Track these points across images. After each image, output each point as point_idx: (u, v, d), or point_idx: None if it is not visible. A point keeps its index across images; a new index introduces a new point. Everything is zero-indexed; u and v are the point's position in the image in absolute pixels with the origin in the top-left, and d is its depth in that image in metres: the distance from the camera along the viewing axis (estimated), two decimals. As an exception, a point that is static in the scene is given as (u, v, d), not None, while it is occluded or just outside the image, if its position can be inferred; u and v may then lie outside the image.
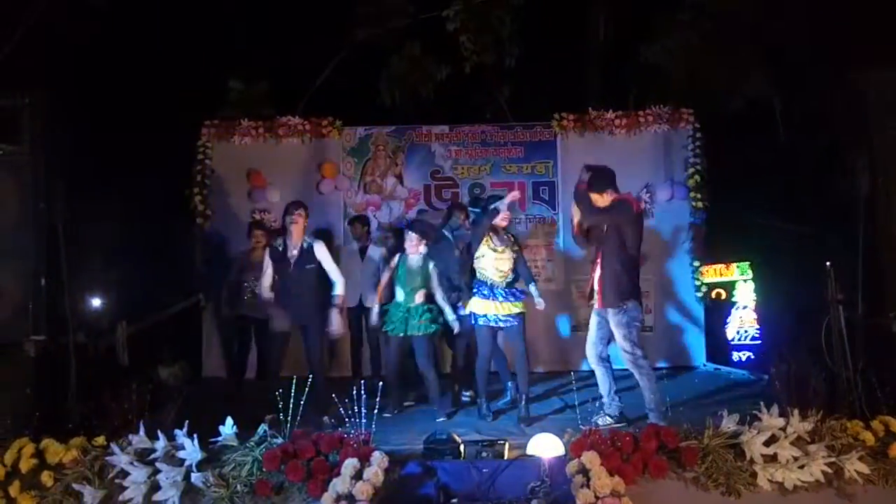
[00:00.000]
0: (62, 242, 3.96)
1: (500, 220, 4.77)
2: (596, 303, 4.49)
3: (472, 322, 4.80)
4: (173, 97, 6.63)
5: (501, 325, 4.74)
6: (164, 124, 6.39)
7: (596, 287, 4.45)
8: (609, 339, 4.51)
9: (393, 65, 7.83)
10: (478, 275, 4.83)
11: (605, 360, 4.55)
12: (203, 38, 7.09)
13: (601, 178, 4.44)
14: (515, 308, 4.77)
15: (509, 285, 4.80)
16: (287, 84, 7.72)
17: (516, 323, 4.78)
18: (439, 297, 5.00)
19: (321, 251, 4.77)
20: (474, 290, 4.80)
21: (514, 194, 5.08)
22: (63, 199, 4.01)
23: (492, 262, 4.74)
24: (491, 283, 4.75)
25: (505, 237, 4.83)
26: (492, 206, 4.83)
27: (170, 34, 6.85)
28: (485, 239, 4.75)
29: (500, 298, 4.72)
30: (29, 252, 4.02)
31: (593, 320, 4.58)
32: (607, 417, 4.41)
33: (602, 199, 4.42)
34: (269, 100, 7.53)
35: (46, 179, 4.07)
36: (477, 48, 7.42)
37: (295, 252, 4.73)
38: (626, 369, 4.41)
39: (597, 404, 4.50)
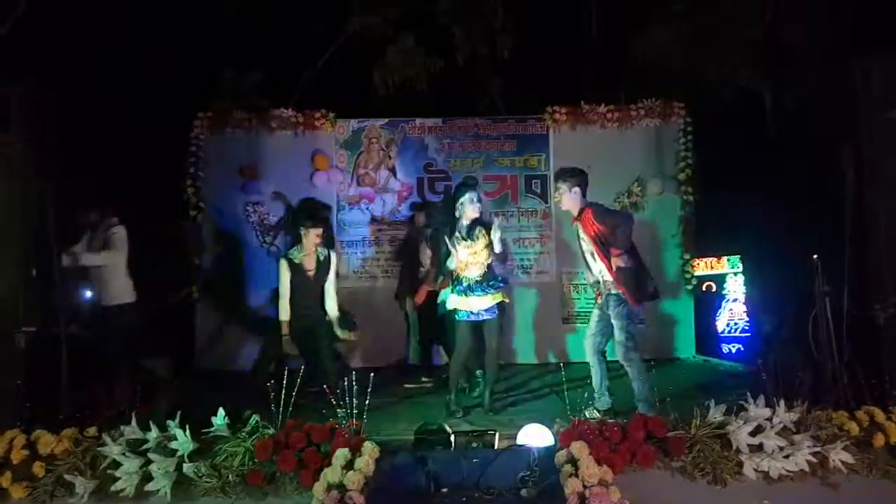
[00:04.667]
0: (52, 233, 3.96)
1: (470, 213, 4.64)
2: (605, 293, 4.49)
3: (458, 318, 4.71)
4: (166, 88, 6.60)
5: (483, 317, 4.67)
6: (156, 115, 6.36)
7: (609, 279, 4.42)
8: (609, 333, 4.52)
9: (386, 56, 7.81)
10: (455, 271, 4.73)
11: (602, 353, 4.58)
12: (197, 29, 7.05)
13: (575, 173, 4.53)
14: (493, 300, 4.67)
15: (485, 280, 4.66)
16: (280, 75, 7.70)
17: (496, 315, 4.71)
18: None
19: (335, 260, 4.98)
20: (452, 287, 4.74)
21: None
22: (53, 189, 4.00)
23: (465, 256, 4.64)
24: (466, 279, 4.66)
25: (475, 230, 4.66)
26: (459, 201, 4.69)
27: (163, 24, 6.81)
28: (455, 234, 4.65)
29: (478, 293, 4.64)
30: (19, 242, 4.01)
31: (595, 313, 4.60)
32: (595, 411, 4.44)
33: (571, 197, 4.47)
34: (262, 91, 7.51)
35: (37, 169, 4.06)
36: (470, 41, 7.41)
37: (312, 265, 4.85)
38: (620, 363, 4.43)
39: (586, 395, 4.52)
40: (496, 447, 3.59)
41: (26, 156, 4.05)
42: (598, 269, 4.48)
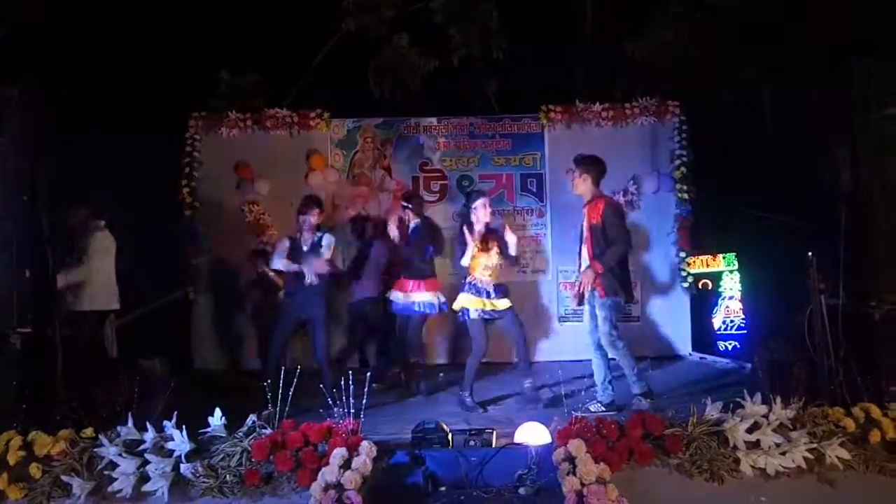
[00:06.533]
0: (47, 234, 3.94)
1: (482, 218, 4.85)
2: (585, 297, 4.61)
3: (464, 317, 4.86)
4: (161, 88, 6.59)
5: (494, 317, 4.84)
6: (151, 116, 6.35)
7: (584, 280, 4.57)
8: None
9: (381, 56, 7.81)
10: (468, 274, 4.91)
11: (603, 348, 4.64)
12: (192, 30, 7.04)
13: (589, 162, 4.67)
14: (504, 304, 4.86)
15: (498, 284, 4.88)
16: (276, 75, 7.69)
17: (508, 313, 4.87)
18: None
19: (327, 241, 5.06)
20: (463, 288, 4.90)
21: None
22: (47, 190, 3.98)
23: (477, 260, 4.82)
24: (478, 282, 4.83)
25: (487, 234, 4.87)
26: (472, 206, 4.93)
27: (158, 25, 6.80)
28: (468, 237, 4.82)
29: (488, 295, 4.82)
30: (13, 243, 3.98)
31: (586, 310, 4.71)
32: (598, 404, 4.52)
33: (581, 183, 4.60)
34: (257, 91, 7.50)
35: (31, 171, 4.04)
36: (464, 40, 7.42)
37: (308, 244, 5.00)
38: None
39: (583, 393, 4.56)
40: (494, 445, 3.59)
41: (20, 157, 4.03)
42: (583, 253, 4.65)
